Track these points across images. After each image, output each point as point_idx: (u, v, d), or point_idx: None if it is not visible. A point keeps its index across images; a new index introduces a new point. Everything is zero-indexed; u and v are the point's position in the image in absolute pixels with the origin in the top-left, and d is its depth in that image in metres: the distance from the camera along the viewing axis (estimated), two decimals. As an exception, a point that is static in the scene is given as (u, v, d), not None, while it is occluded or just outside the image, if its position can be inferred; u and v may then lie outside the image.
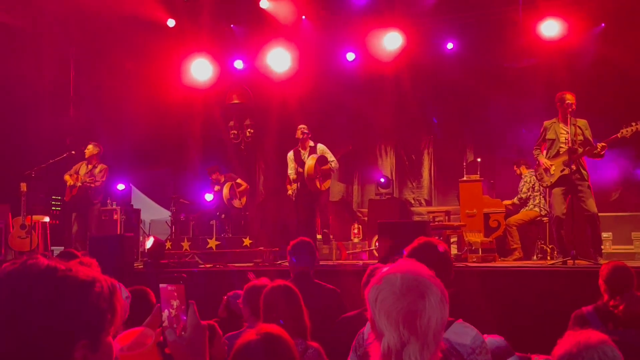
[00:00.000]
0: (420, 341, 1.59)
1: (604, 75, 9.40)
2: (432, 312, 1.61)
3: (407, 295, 1.62)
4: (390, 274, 1.69)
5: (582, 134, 6.99)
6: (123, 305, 1.36)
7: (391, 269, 1.71)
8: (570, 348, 1.99)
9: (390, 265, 1.76)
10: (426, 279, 1.67)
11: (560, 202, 7.07)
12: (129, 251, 7.62)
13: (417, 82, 10.99)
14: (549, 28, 9.29)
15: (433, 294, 1.64)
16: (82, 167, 9.32)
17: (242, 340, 2.27)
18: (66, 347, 1.23)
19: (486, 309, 5.80)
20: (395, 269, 1.70)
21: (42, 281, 1.23)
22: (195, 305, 1.61)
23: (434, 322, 1.61)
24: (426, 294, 1.63)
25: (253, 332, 2.29)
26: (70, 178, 9.17)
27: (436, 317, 1.62)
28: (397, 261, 1.78)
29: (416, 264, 1.74)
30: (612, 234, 8.68)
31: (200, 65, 11.10)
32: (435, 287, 1.66)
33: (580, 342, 2.04)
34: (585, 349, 1.97)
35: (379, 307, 1.64)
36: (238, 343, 2.27)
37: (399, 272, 1.68)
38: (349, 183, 12.17)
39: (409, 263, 1.75)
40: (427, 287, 1.65)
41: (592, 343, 2.03)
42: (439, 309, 1.63)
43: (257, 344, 2.23)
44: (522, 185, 8.71)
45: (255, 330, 2.32)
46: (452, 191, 11.00)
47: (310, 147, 8.44)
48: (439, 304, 1.64)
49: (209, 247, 9.20)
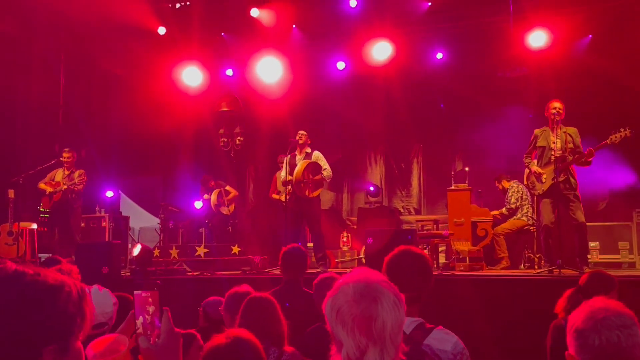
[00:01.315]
0: (378, 346, 1.59)
1: (591, 85, 9.47)
2: (386, 315, 1.61)
3: (360, 301, 1.62)
4: (344, 284, 1.69)
5: (572, 142, 7.04)
6: (92, 309, 1.35)
7: (344, 278, 1.72)
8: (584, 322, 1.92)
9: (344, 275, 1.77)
10: (378, 284, 1.67)
11: (549, 210, 7.11)
12: (117, 258, 7.58)
13: (407, 91, 11.03)
14: (537, 38, 9.37)
15: (386, 298, 1.64)
16: (58, 174, 9.32)
17: (212, 343, 2.28)
18: (34, 353, 1.22)
19: (473, 317, 5.82)
20: (348, 278, 1.71)
21: (9, 286, 1.23)
22: (169, 312, 1.60)
23: (390, 325, 1.61)
24: (378, 299, 1.63)
25: (222, 336, 2.30)
26: (48, 185, 9.16)
27: (391, 320, 1.62)
28: (352, 270, 1.79)
29: (368, 270, 1.75)
30: (600, 243, 8.73)
31: (191, 73, 11.11)
32: (388, 291, 1.66)
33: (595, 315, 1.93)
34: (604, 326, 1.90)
35: (335, 317, 1.65)
36: (207, 347, 2.28)
37: (351, 280, 1.69)
38: (338, 191, 12.18)
39: (361, 270, 1.75)
40: (379, 292, 1.65)
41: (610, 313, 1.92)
42: (393, 312, 1.63)
43: (226, 347, 2.23)
44: (510, 195, 8.74)
45: (225, 334, 2.32)
46: (440, 200, 11.02)
47: (307, 153, 8.43)
48: (393, 307, 1.64)
49: (197, 255, 9.16)
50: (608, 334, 1.86)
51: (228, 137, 11.17)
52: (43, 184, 9.25)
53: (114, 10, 9.97)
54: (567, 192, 6.96)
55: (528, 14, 9.56)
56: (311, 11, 10.79)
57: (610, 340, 1.85)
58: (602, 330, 1.87)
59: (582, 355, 1.88)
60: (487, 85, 10.48)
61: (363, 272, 1.74)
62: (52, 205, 9.16)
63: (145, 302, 1.58)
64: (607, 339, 1.86)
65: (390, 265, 2.70)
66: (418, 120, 11.37)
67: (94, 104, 11.69)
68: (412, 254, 2.73)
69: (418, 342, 2.40)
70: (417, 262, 2.70)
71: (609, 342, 1.85)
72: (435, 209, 11.39)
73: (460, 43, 10.69)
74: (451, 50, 10.81)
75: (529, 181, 7.51)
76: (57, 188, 9.08)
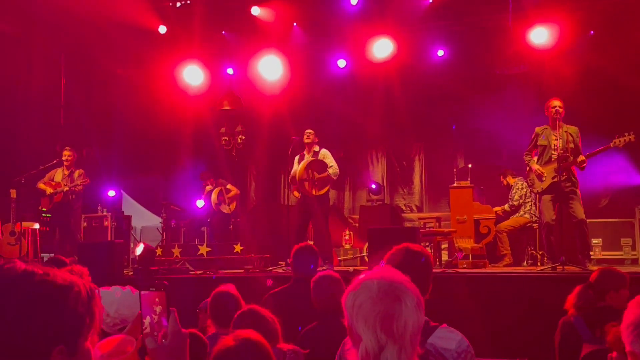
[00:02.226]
0: (397, 344, 1.62)
1: (593, 83, 9.46)
2: (408, 315, 1.65)
3: (384, 299, 1.65)
4: (367, 280, 1.72)
5: (573, 141, 7.02)
6: (101, 310, 1.35)
7: (367, 275, 1.75)
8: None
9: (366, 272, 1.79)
10: (402, 284, 1.71)
11: (549, 208, 7.12)
12: (119, 258, 7.58)
13: (408, 89, 11.03)
14: (539, 35, 9.34)
15: (409, 298, 1.67)
16: (58, 174, 9.30)
17: (220, 345, 2.27)
18: (43, 353, 1.21)
19: (476, 314, 5.82)
20: (372, 275, 1.74)
21: (19, 285, 1.22)
22: (176, 312, 1.60)
23: (411, 325, 1.64)
24: (402, 298, 1.66)
25: (230, 338, 2.29)
26: (47, 186, 9.15)
27: (412, 320, 1.65)
28: (373, 268, 1.81)
29: (392, 270, 1.78)
30: (602, 240, 8.73)
31: (192, 72, 11.09)
32: (411, 292, 1.69)
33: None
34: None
35: (356, 312, 1.67)
36: (216, 349, 2.27)
37: (375, 277, 1.71)
38: (340, 189, 12.18)
39: (385, 269, 1.78)
40: (403, 292, 1.68)
41: None
42: (415, 312, 1.66)
43: (235, 349, 2.23)
44: (514, 192, 8.73)
45: (233, 335, 2.32)
46: (442, 197, 11.03)
47: (315, 152, 8.41)
48: (415, 308, 1.67)
49: (199, 254, 9.16)
50: None
51: (229, 136, 11.16)
52: (42, 184, 9.24)
53: (115, 9, 9.95)
54: (567, 190, 6.96)
55: (529, 11, 9.53)
56: (312, 9, 10.77)
57: None
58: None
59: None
60: (488, 83, 10.48)
61: (388, 270, 1.78)
62: (52, 206, 9.15)
63: (153, 302, 1.58)
64: None
65: (389, 262, 2.69)
66: (419, 118, 11.37)
67: (95, 103, 11.67)
68: (412, 251, 2.72)
69: (422, 341, 2.39)
70: (417, 258, 2.69)
71: None
72: (437, 206, 11.40)
73: (461, 40, 10.67)
74: (452, 47, 10.79)
75: (529, 179, 7.51)
76: (57, 189, 9.07)
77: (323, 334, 3.68)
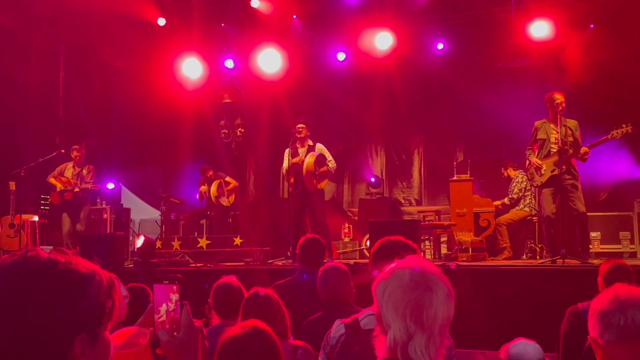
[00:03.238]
0: (426, 334, 1.64)
1: (593, 76, 9.44)
2: (439, 306, 1.66)
3: (415, 288, 1.67)
4: (399, 269, 1.73)
5: (572, 135, 7.04)
6: (121, 299, 1.35)
7: (399, 264, 1.76)
8: (608, 304, 1.94)
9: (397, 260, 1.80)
10: (434, 275, 1.72)
11: (549, 201, 7.14)
12: (120, 250, 7.58)
13: (407, 82, 11.02)
14: (539, 29, 9.34)
15: (440, 289, 1.69)
16: (68, 169, 9.31)
17: (227, 334, 2.28)
18: (65, 341, 1.22)
19: (476, 307, 5.84)
20: (404, 264, 1.75)
21: (43, 274, 1.22)
22: (188, 305, 1.61)
23: (441, 316, 1.66)
24: (433, 289, 1.68)
25: (238, 327, 2.30)
26: (57, 181, 9.16)
27: (443, 311, 1.67)
28: (405, 257, 1.82)
29: (424, 259, 1.80)
30: (601, 233, 8.76)
31: (191, 65, 11.06)
32: (443, 283, 1.71)
33: (619, 297, 1.94)
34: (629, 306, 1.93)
35: (387, 300, 1.69)
36: (222, 338, 2.27)
37: (407, 266, 1.73)
38: (339, 182, 12.18)
39: (417, 258, 1.80)
40: (435, 282, 1.70)
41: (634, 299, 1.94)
42: (445, 304, 1.68)
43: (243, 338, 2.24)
44: (514, 186, 8.74)
45: (240, 325, 2.33)
46: (442, 191, 11.04)
47: (309, 146, 8.42)
48: (446, 299, 1.69)
49: (199, 246, 9.17)
50: (633, 314, 1.88)
51: (229, 129, 11.13)
52: (53, 179, 9.23)
53: (114, 1, 9.93)
54: (567, 183, 6.98)
55: (529, 4, 9.53)
56: (312, 2, 10.76)
57: (635, 319, 1.88)
58: (627, 310, 1.89)
59: (607, 337, 1.90)
60: (488, 76, 10.46)
61: (419, 260, 1.79)
62: (61, 202, 9.19)
63: (165, 295, 1.58)
64: (632, 318, 1.88)
65: (376, 255, 2.72)
66: (419, 111, 11.37)
67: (94, 96, 11.64)
68: (399, 243, 2.74)
69: None
70: (403, 250, 2.68)
71: (634, 321, 1.88)
72: (436, 200, 11.41)
73: (461, 34, 10.67)
74: (452, 41, 10.78)
75: (528, 172, 7.52)
76: (67, 187, 9.08)
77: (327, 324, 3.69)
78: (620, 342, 1.89)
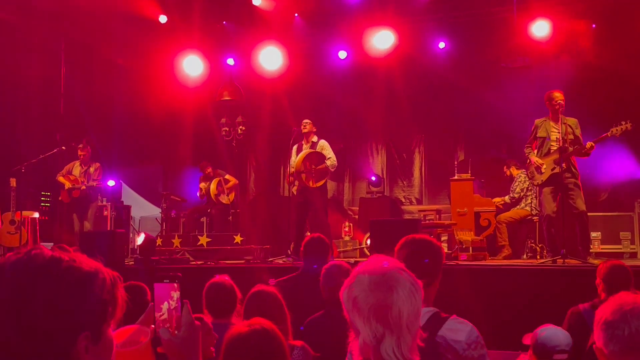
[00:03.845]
0: (395, 334, 1.61)
1: (594, 75, 9.46)
2: (402, 304, 1.63)
3: (376, 291, 1.64)
4: (360, 273, 1.71)
5: (572, 133, 7.05)
6: (124, 297, 1.35)
7: (360, 267, 1.74)
8: (613, 314, 1.93)
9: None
10: (394, 272, 1.68)
11: (550, 200, 7.13)
12: (120, 247, 7.59)
13: (409, 81, 11.02)
14: (540, 28, 9.33)
15: (402, 286, 1.65)
16: (76, 167, 9.40)
17: (233, 332, 2.28)
18: (69, 338, 1.22)
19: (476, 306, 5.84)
20: (364, 267, 1.72)
21: (47, 271, 1.22)
22: (189, 304, 1.61)
23: (406, 314, 1.63)
24: (394, 287, 1.64)
25: (244, 325, 2.30)
26: (66, 179, 9.26)
27: (407, 308, 1.63)
28: (368, 259, 1.80)
29: (385, 258, 1.75)
30: (601, 233, 8.76)
31: (192, 62, 11.06)
32: (404, 279, 1.67)
33: (623, 307, 1.94)
34: (633, 316, 1.92)
35: (352, 305, 1.67)
36: (228, 336, 2.27)
37: (367, 269, 1.70)
38: (339, 181, 12.18)
39: (377, 259, 1.75)
40: (395, 280, 1.66)
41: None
42: (409, 300, 1.64)
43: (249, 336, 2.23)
44: (516, 185, 8.73)
45: (247, 323, 2.33)
46: (442, 190, 11.04)
47: (313, 142, 8.40)
48: (409, 295, 1.65)
49: (199, 244, 9.18)
50: (637, 324, 1.88)
51: (230, 127, 11.14)
52: (62, 177, 9.35)
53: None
54: (568, 181, 6.98)
55: (531, 3, 9.52)
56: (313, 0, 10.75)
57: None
58: (631, 321, 1.89)
59: (612, 347, 1.90)
60: (490, 76, 10.45)
61: (379, 260, 1.74)
62: (70, 200, 9.30)
63: (166, 294, 1.59)
64: (636, 328, 1.88)
65: (398, 256, 2.67)
66: (420, 110, 11.36)
67: (95, 93, 11.63)
68: (421, 241, 2.70)
69: (432, 333, 2.39)
70: (422, 248, 2.66)
71: (639, 331, 1.87)
72: (437, 199, 11.41)
73: (463, 33, 10.66)
74: (454, 40, 10.78)
75: (529, 171, 7.52)
76: (75, 185, 9.21)
77: (328, 323, 3.70)
78: (625, 352, 1.89)
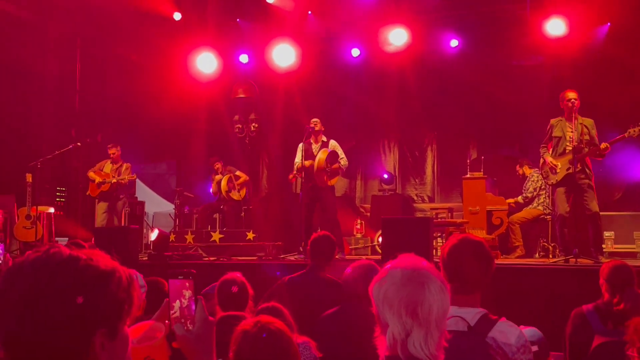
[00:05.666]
0: (423, 328, 1.68)
1: (609, 74, 9.38)
2: (432, 300, 1.71)
3: (408, 285, 1.72)
4: (392, 269, 1.79)
5: (588, 133, 7.00)
6: (139, 295, 1.39)
7: (392, 264, 1.81)
8: None
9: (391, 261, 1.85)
10: (425, 270, 1.77)
11: (563, 200, 7.09)
12: (134, 243, 7.65)
13: (421, 79, 10.99)
14: (555, 26, 9.26)
15: (433, 283, 1.73)
16: (107, 165, 9.73)
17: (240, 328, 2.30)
18: (86, 335, 1.25)
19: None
20: (397, 263, 1.81)
21: (65, 270, 1.25)
22: (203, 300, 1.65)
23: (435, 309, 1.70)
24: (426, 283, 1.73)
25: (251, 322, 2.31)
26: (96, 175, 9.59)
27: (437, 305, 1.71)
28: (398, 256, 1.87)
29: (416, 257, 1.83)
30: (615, 233, 8.69)
31: (206, 59, 11.10)
32: (435, 277, 1.76)
33: None
34: None
35: (382, 299, 1.74)
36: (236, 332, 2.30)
37: (400, 265, 1.79)
38: (352, 178, 12.19)
39: (409, 257, 1.84)
40: (427, 277, 1.75)
41: None
42: (439, 297, 1.72)
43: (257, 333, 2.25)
44: (529, 185, 8.68)
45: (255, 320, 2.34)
46: (455, 188, 11.02)
47: (323, 142, 8.46)
48: (439, 292, 1.73)
49: (212, 240, 9.24)
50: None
51: (243, 124, 11.18)
52: (92, 173, 9.66)
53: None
54: (582, 182, 6.93)
55: (545, 1, 9.47)
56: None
57: None
58: None
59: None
60: (503, 74, 10.40)
61: (411, 258, 1.83)
62: (99, 193, 9.59)
63: (180, 290, 1.62)
64: None
65: (451, 254, 2.59)
66: (432, 108, 11.34)
67: (110, 89, 11.74)
68: (472, 242, 2.62)
69: (483, 334, 2.39)
70: (477, 249, 2.60)
71: None
72: (449, 197, 11.39)
73: (476, 30, 10.62)
74: (467, 37, 10.74)
75: (543, 171, 7.49)
76: (105, 179, 9.51)
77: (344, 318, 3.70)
78: None
